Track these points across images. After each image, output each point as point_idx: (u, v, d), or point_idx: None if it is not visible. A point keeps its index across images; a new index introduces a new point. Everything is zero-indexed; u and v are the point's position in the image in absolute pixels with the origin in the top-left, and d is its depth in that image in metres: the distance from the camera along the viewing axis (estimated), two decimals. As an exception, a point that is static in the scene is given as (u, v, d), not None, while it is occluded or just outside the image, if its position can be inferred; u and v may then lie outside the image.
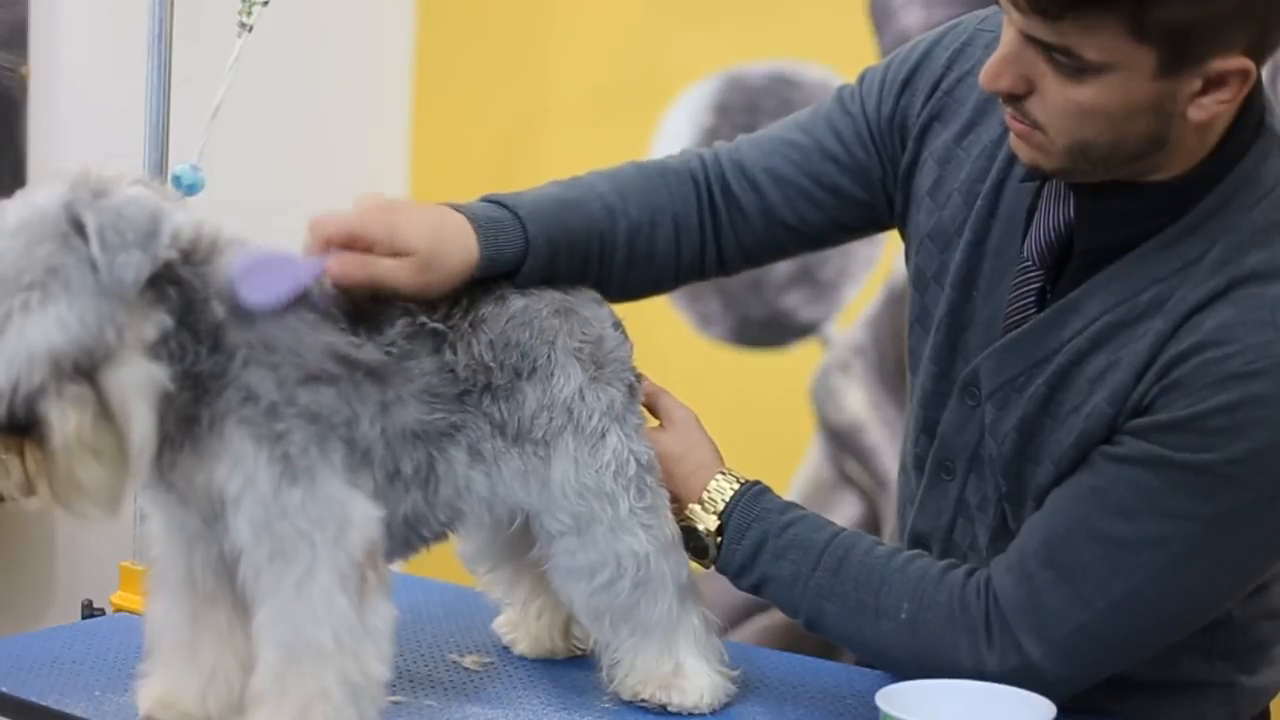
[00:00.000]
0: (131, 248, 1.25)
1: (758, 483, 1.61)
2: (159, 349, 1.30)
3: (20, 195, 1.29)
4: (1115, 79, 1.37)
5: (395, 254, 1.44)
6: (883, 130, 1.64)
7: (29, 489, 1.27)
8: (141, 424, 1.27)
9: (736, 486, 1.59)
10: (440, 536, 1.49)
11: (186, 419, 1.34)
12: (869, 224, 1.70)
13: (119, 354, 1.26)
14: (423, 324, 1.43)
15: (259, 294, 1.35)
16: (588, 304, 1.54)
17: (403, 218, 1.46)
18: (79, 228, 1.25)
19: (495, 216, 1.53)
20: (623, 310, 1.58)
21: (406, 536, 1.45)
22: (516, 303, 1.49)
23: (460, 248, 1.49)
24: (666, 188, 1.66)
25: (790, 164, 1.66)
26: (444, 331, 1.44)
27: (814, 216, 1.67)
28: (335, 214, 1.45)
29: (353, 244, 1.43)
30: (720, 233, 1.68)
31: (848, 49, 2.75)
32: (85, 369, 1.25)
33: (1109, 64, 1.36)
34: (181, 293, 1.31)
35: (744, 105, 2.94)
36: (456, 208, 1.52)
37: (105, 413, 1.26)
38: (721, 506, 1.58)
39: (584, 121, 3.06)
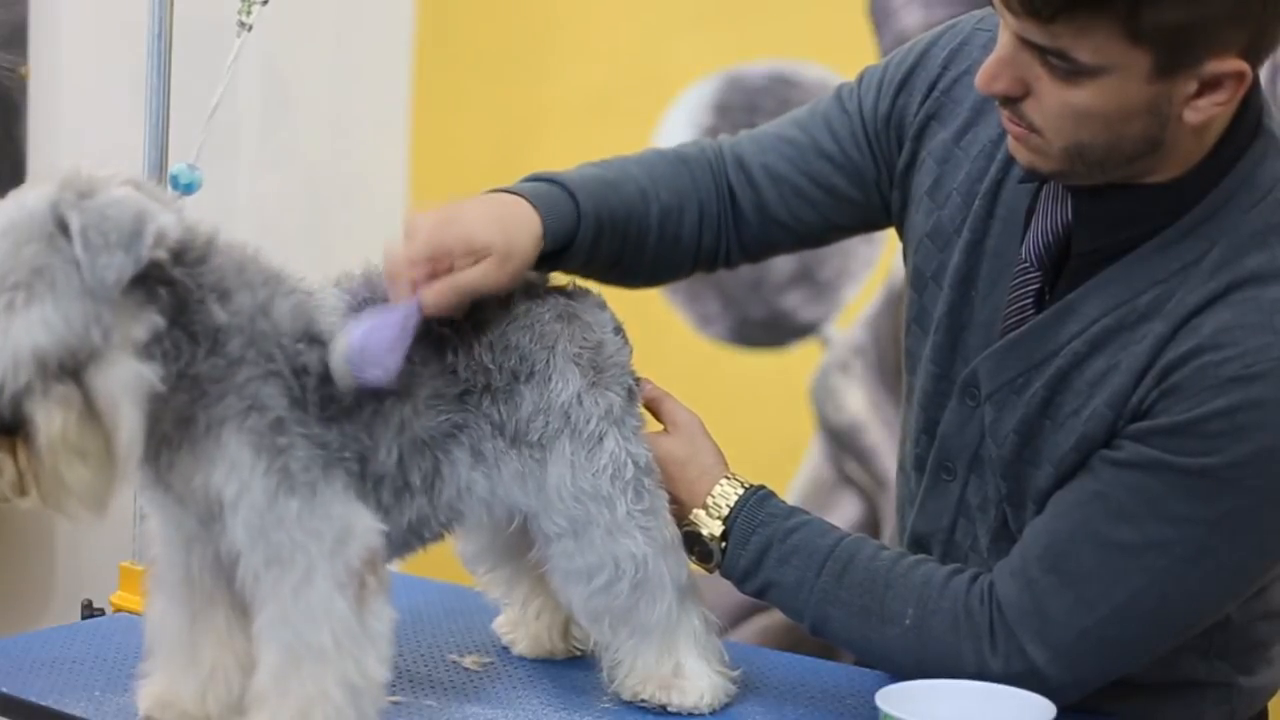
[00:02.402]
0: (114, 249, 1.25)
1: (762, 487, 1.61)
2: (151, 349, 1.30)
3: (12, 195, 1.30)
4: (1110, 81, 1.37)
5: (476, 258, 1.44)
6: (879, 130, 1.65)
7: (21, 489, 1.27)
8: (129, 424, 1.27)
9: (741, 491, 1.59)
10: (439, 537, 1.49)
11: (184, 420, 1.34)
12: (864, 224, 1.71)
13: (106, 354, 1.26)
14: (431, 327, 1.43)
15: (377, 369, 1.36)
16: (590, 309, 1.54)
17: (465, 220, 1.46)
18: (64, 228, 1.25)
19: (545, 191, 1.54)
20: (623, 310, 1.58)
21: (407, 539, 1.45)
22: (519, 305, 1.49)
23: (526, 228, 1.50)
24: (690, 174, 1.67)
25: (786, 161, 1.67)
26: (449, 335, 1.44)
27: (808, 215, 1.68)
28: (402, 250, 1.43)
29: (435, 268, 1.43)
30: (728, 225, 1.69)
31: (847, 49, 2.75)
32: (71, 369, 1.25)
33: (1103, 66, 1.36)
34: (174, 293, 1.31)
35: (744, 105, 2.93)
36: (502, 190, 1.54)
37: (92, 413, 1.26)
38: (726, 511, 1.58)
39: (584, 121, 3.06)
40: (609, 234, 1.58)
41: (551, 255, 1.53)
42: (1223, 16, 1.34)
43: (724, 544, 1.58)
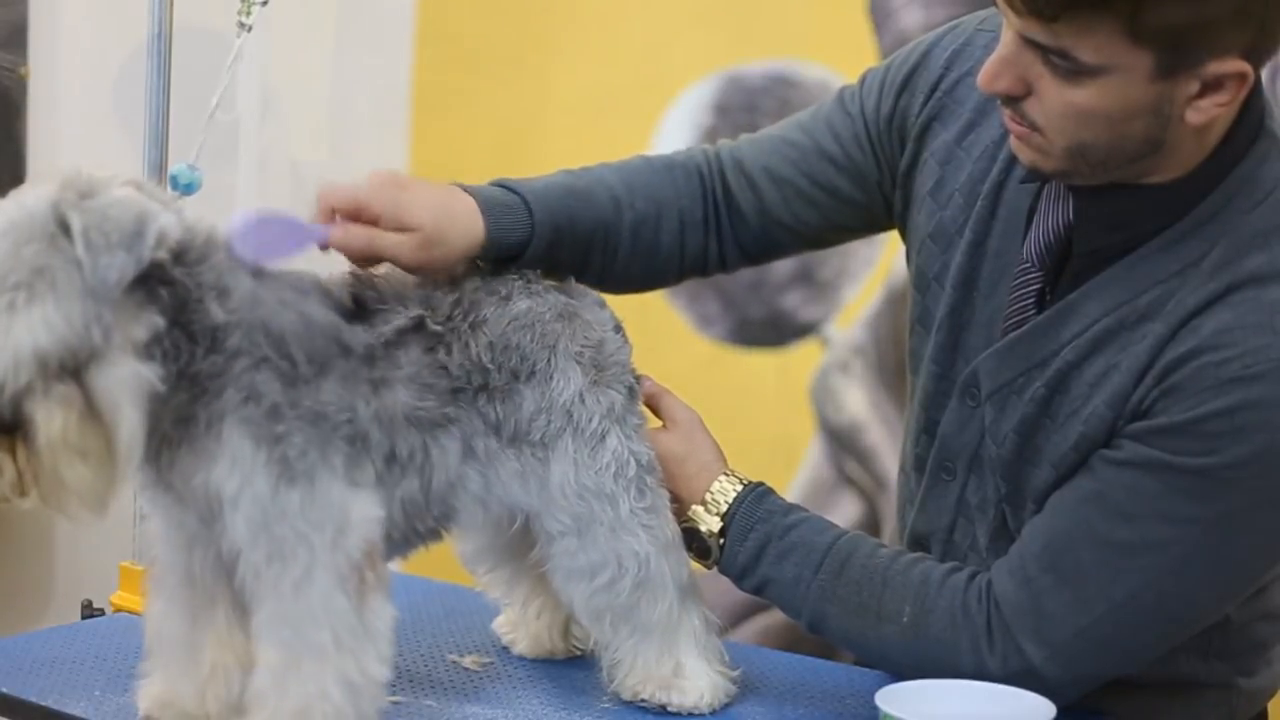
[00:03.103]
0: (116, 249, 1.26)
1: (761, 484, 1.61)
2: (152, 349, 1.30)
3: (12, 195, 1.30)
4: (1112, 81, 1.37)
5: (400, 229, 1.46)
6: (880, 131, 1.65)
7: (22, 489, 1.27)
8: (129, 424, 1.27)
9: (740, 488, 1.59)
10: (435, 534, 1.49)
11: (184, 419, 1.34)
12: (866, 225, 1.71)
13: (107, 354, 1.27)
14: (422, 324, 1.43)
15: (255, 249, 1.37)
16: (590, 307, 1.54)
17: (410, 194, 1.49)
18: (65, 228, 1.25)
19: (503, 200, 1.55)
20: (623, 310, 1.59)
21: (404, 531, 1.45)
22: (519, 305, 1.49)
23: (465, 229, 1.51)
24: (673, 183, 1.68)
25: (788, 163, 1.67)
26: (441, 333, 1.44)
27: (810, 216, 1.68)
28: (343, 185, 1.48)
29: (358, 215, 1.46)
30: (721, 230, 1.69)
31: (847, 49, 2.75)
32: (72, 369, 1.25)
33: (1105, 66, 1.36)
34: (174, 293, 1.31)
35: (744, 105, 2.93)
36: (465, 189, 1.55)
37: (92, 412, 1.26)
38: (725, 508, 1.58)
39: (584, 121, 3.06)
40: (568, 244, 1.59)
41: (507, 262, 1.54)
42: (1224, 17, 1.34)
43: (722, 540, 1.58)
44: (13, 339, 1.23)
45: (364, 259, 1.46)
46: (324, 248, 1.46)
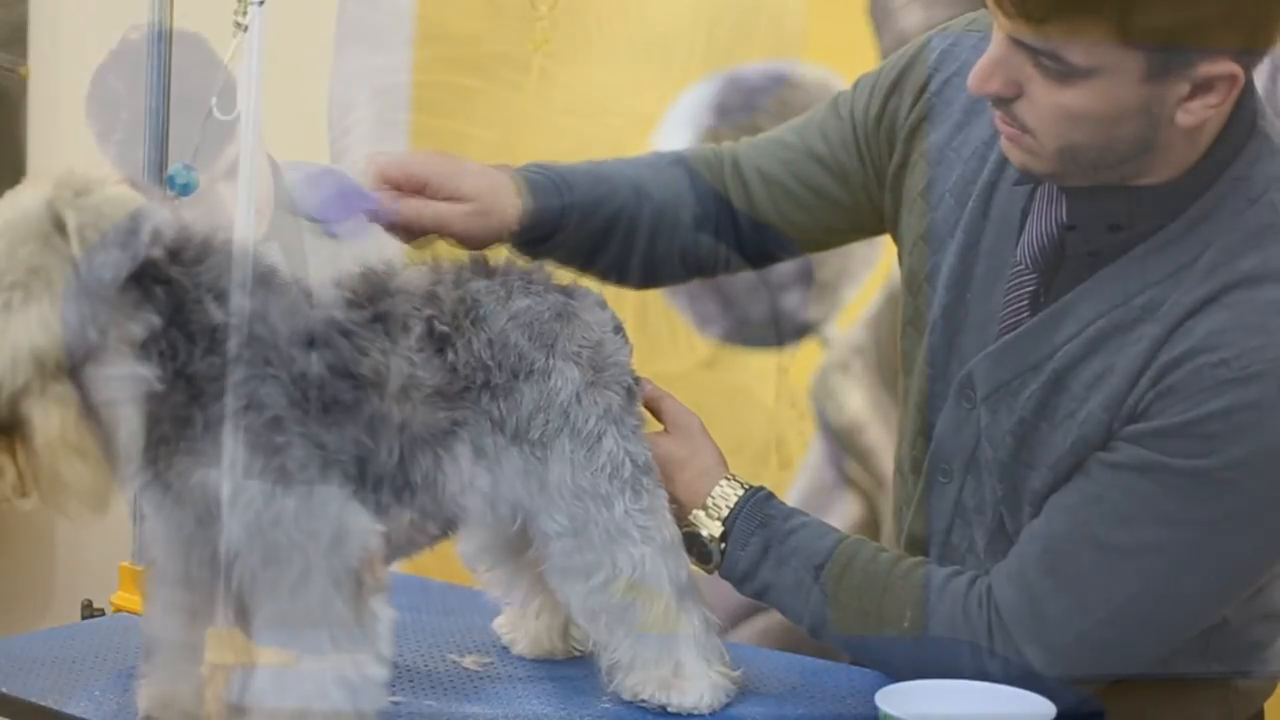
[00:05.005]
0: (110, 246, 1.26)
1: (762, 489, 1.61)
2: (149, 348, 1.30)
3: (8, 195, 1.30)
4: (1102, 83, 1.37)
5: (452, 199, 1.51)
6: (869, 133, 1.66)
7: (22, 490, 1.27)
8: (126, 423, 1.28)
9: (741, 492, 1.59)
10: (442, 536, 1.49)
11: (182, 419, 1.34)
12: (854, 228, 1.73)
13: (103, 353, 1.27)
14: (433, 325, 1.44)
15: (317, 206, 1.39)
16: (590, 308, 1.54)
17: (461, 168, 1.54)
18: (61, 227, 1.26)
19: (536, 177, 1.61)
20: (623, 310, 1.59)
21: (411, 537, 1.45)
22: (519, 303, 1.49)
23: (510, 201, 1.57)
24: (688, 177, 1.72)
25: (779, 164, 1.70)
26: (448, 333, 1.44)
27: (798, 217, 1.70)
28: (396, 155, 1.51)
29: (411, 186, 1.49)
30: (723, 230, 1.71)
31: (847, 49, 2.75)
32: (68, 368, 1.25)
33: (1095, 68, 1.36)
34: (170, 292, 1.31)
35: (744, 105, 2.93)
36: (497, 169, 1.59)
37: (89, 412, 1.26)
38: (726, 512, 1.59)
39: (584, 122, 3.06)
40: (597, 224, 1.63)
41: (538, 241, 1.57)
42: (1214, 19, 1.34)
43: (723, 545, 1.58)
44: (10, 339, 1.23)
45: (418, 230, 1.48)
46: (379, 217, 1.46)
